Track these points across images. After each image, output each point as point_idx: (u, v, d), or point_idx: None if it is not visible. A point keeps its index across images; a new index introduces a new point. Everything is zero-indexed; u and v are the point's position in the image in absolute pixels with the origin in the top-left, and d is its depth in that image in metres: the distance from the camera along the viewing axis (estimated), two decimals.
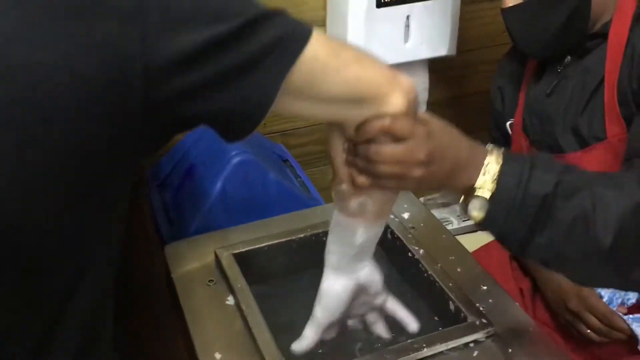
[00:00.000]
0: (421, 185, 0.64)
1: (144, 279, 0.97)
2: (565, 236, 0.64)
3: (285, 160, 1.31)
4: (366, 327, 0.82)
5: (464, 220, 1.52)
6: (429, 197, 1.51)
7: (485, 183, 0.63)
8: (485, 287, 0.90)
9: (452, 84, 1.53)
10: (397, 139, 0.61)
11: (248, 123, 0.57)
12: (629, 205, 0.63)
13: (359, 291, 0.75)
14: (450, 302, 0.85)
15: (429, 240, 0.98)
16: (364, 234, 0.70)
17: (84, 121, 0.49)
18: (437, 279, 0.88)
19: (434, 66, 1.44)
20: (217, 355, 0.79)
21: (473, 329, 0.80)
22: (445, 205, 1.54)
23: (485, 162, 0.64)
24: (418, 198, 1.19)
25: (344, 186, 0.67)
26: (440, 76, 1.48)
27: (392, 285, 0.96)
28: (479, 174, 0.64)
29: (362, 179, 0.64)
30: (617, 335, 0.96)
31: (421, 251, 0.94)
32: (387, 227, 1.01)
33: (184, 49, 0.50)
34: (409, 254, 0.94)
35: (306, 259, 0.98)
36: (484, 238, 1.27)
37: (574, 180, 0.64)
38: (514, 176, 0.63)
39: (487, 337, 0.80)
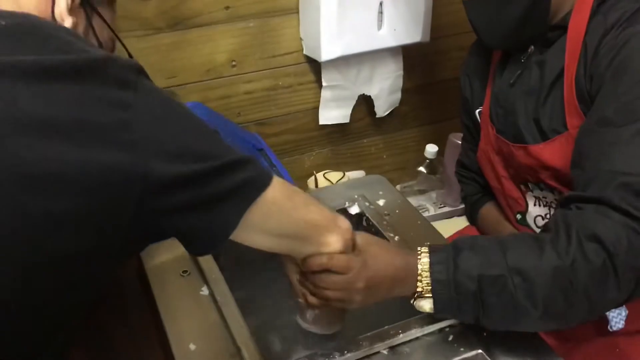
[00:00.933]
0: (364, 304, 0.76)
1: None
2: (503, 317, 0.75)
3: (261, 150, 1.30)
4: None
5: (440, 207, 1.52)
6: (405, 184, 1.51)
7: (425, 289, 0.76)
8: None
9: (426, 71, 1.53)
10: (336, 272, 0.74)
11: (210, 243, 0.66)
12: (548, 272, 0.72)
13: None
14: None
15: (404, 227, 0.98)
16: (322, 337, 0.83)
17: (81, 228, 0.58)
18: None
19: (408, 53, 1.43)
20: (192, 347, 0.78)
21: None
22: (421, 192, 1.55)
23: (419, 270, 0.76)
24: (395, 186, 1.19)
25: (301, 301, 0.80)
26: (414, 63, 1.48)
27: None
28: (416, 284, 0.76)
29: (312, 299, 0.77)
30: None
31: (396, 238, 0.94)
32: (362, 214, 1.01)
33: (176, 177, 0.59)
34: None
35: None
36: (459, 223, 1.28)
37: (494, 268, 0.74)
38: (442, 284, 0.75)
39: (461, 322, 0.80)
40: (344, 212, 1.02)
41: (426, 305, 0.77)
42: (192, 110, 0.66)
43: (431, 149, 1.43)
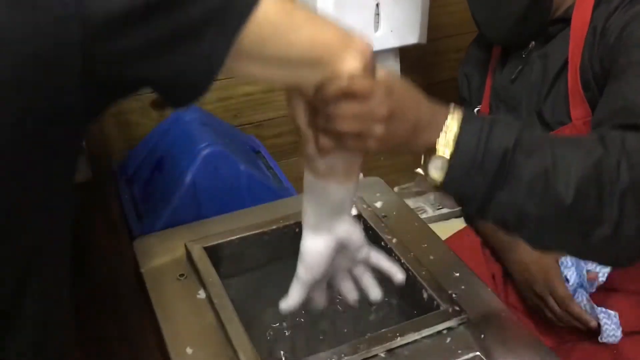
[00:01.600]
0: (383, 144, 0.63)
1: (113, 275, 0.96)
2: (526, 193, 0.63)
3: (257, 152, 1.30)
4: (356, 282, 0.80)
5: (438, 209, 1.52)
6: (403, 185, 1.51)
7: (447, 142, 0.63)
8: (457, 274, 0.90)
9: (423, 72, 1.53)
10: (356, 98, 0.60)
11: (195, 88, 0.55)
12: (589, 163, 0.63)
13: (340, 247, 0.74)
14: (423, 290, 0.85)
15: (402, 229, 0.98)
16: (336, 193, 0.70)
17: (22, 84, 0.48)
18: (410, 268, 0.88)
19: (405, 54, 1.43)
20: (189, 350, 0.78)
21: (446, 317, 0.80)
22: (419, 193, 1.55)
23: (447, 121, 0.64)
24: (392, 188, 1.19)
25: (311, 147, 0.66)
26: (411, 64, 1.48)
27: None
28: (439, 133, 0.63)
29: (324, 141, 0.63)
30: (575, 323, 0.97)
31: (394, 240, 0.93)
32: (359, 216, 1.00)
33: (125, 11, 0.48)
34: (382, 243, 0.94)
35: (278, 251, 0.97)
36: (456, 225, 1.28)
37: (535, 137, 0.64)
38: (473, 133, 0.63)
39: (460, 324, 0.80)
40: None
41: (437, 164, 0.64)
42: None
43: None
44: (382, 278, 0.79)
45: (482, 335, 0.79)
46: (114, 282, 0.94)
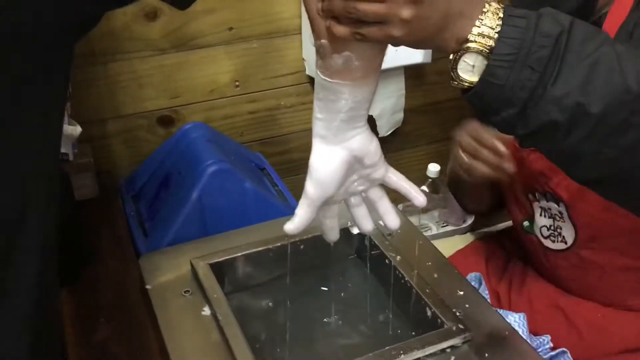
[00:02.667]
0: (408, 33, 0.54)
1: (118, 291, 0.96)
2: (584, 83, 0.53)
3: (263, 169, 1.31)
4: (370, 207, 0.72)
5: (442, 226, 1.52)
6: (407, 203, 1.51)
7: (483, 34, 0.54)
8: (461, 293, 0.90)
9: (428, 91, 1.54)
10: None
11: None
12: None
13: (353, 162, 0.66)
14: (427, 308, 0.85)
15: (406, 246, 0.98)
16: (352, 96, 0.60)
17: None
18: (414, 286, 0.88)
19: (410, 73, 1.44)
20: None
21: (450, 335, 0.80)
22: (424, 211, 1.55)
23: (485, 9, 0.55)
24: (397, 205, 1.19)
25: (323, 41, 0.58)
26: (416, 83, 1.49)
27: (369, 292, 0.96)
28: (473, 25, 0.55)
29: (340, 28, 0.55)
30: (483, 154, 0.93)
31: (398, 257, 0.94)
32: (363, 235, 1.01)
33: None
34: (386, 261, 0.94)
35: (284, 268, 0.97)
36: (460, 243, 1.28)
37: (590, 26, 0.55)
38: (520, 17, 0.54)
39: (464, 343, 0.80)
40: (346, 231, 1.02)
41: (469, 61, 0.55)
42: None
43: (433, 168, 1.43)
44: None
45: (486, 355, 0.79)
46: (119, 299, 0.95)
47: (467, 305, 0.87)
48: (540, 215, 1.04)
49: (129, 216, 1.16)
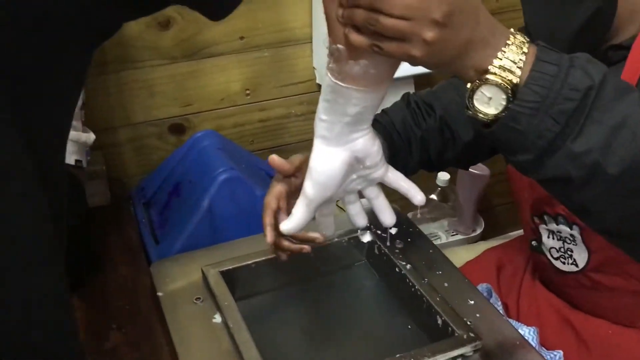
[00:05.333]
0: (429, 55, 0.52)
1: (129, 298, 0.97)
2: (606, 142, 0.51)
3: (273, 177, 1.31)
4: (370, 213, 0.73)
5: (452, 235, 1.52)
6: (416, 212, 1.51)
7: (504, 68, 0.52)
8: (472, 302, 0.90)
9: None
10: None
11: None
12: None
13: (354, 163, 0.65)
14: (438, 316, 0.85)
15: (416, 255, 0.98)
16: (361, 101, 0.59)
17: None
18: (424, 294, 0.88)
19: (419, 82, 1.45)
20: None
21: (460, 343, 0.80)
22: (433, 220, 1.55)
23: (509, 41, 0.53)
24: (406, 214, 1.19)
25: (340, 46, 0.56)
26: None
27: (379, 300, 0.96)
28: (495, 55, 0.52)
29: (358, 38, 0.52)
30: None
31: (408, 266, 0.94)
32: (374, 242, 1.01)
33: None
34: (396, 269, 0.94)
35: (294, 275, 0.98)
36: (471, 252, 1.28)
37: (623, 82, 0.53)
38: (550, 62, 0.51)
39: (474, 351, 0.80)
40: (356, 240, 1.03)
41: (486, 93, 0.53)
42: None
43: (443, 176, 1.43)
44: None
45: None
46: (130, 305, 0.95)
47: (477, 315, 0.87)
48: (549, 237, 1.03)
49: (141, 223, 1.17)
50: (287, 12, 1.29)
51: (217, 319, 0.87)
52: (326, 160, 0.64)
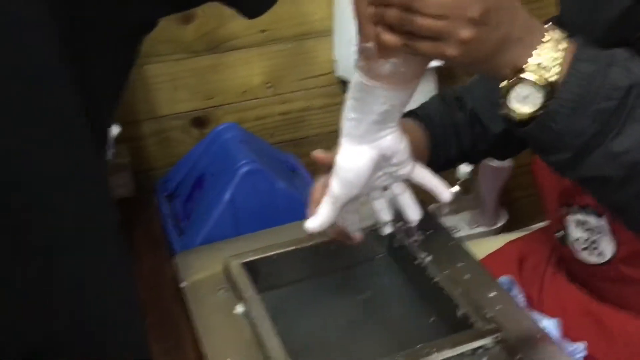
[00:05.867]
0: (464, 54, 0.51)
1: (153, 289, 0.98)
2: None
3: (294, 170, 1.32)
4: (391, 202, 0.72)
5: (473, 227, 1.52)
6: (437, 204, 1.51)
7: (541, 66, 0.51)
8: (493, 294, 0.90)
9: None
10: None
11: None
12: None
13: (381, 161, 0.65)
14: (458, 308, 0.85)
15: (437, 247, 0.98)
16: (390, 100, 0.59)
17: None
18: (444, 286, 0.88)
19: (441, 73, 1.44)
20: None
21: (481, 335, 0.80)
22: (455, 212, 1.54)
23: (545, 39, 0.52)
24: (427, 206, 1.19)
25: (370, 45, 0.54)
26: (447, 83, 1.49)
27: (399, 292, 0.97)
28: (531, 53, 0.51)
29: (391, 38, 0.51)
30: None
31: (429, 258, 0.94)
32: (394, 235, 1.01)
33: None
34: (416, 262, 0.94)
35: (315, 267, 0.98)
36: (493, 245, 1.27)
37: None
38: (589, 60, 0.50)
39: (495, 343, 0.80)
40: (376, 232, 1.03)
41: (522, 92, 0.52)
42: None
43: (464, 168, 1.43)
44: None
45: (519, 356, 0.79)
46: (154, 296, 0.97)
47: (498, 307, 0.87)
48: (576, 227, 1.02)
49: (165, 215, 1.19)
50: (307, 4, 1.29)
51: (240, 309, 0.88)
52: (353, 158, 0.63)
